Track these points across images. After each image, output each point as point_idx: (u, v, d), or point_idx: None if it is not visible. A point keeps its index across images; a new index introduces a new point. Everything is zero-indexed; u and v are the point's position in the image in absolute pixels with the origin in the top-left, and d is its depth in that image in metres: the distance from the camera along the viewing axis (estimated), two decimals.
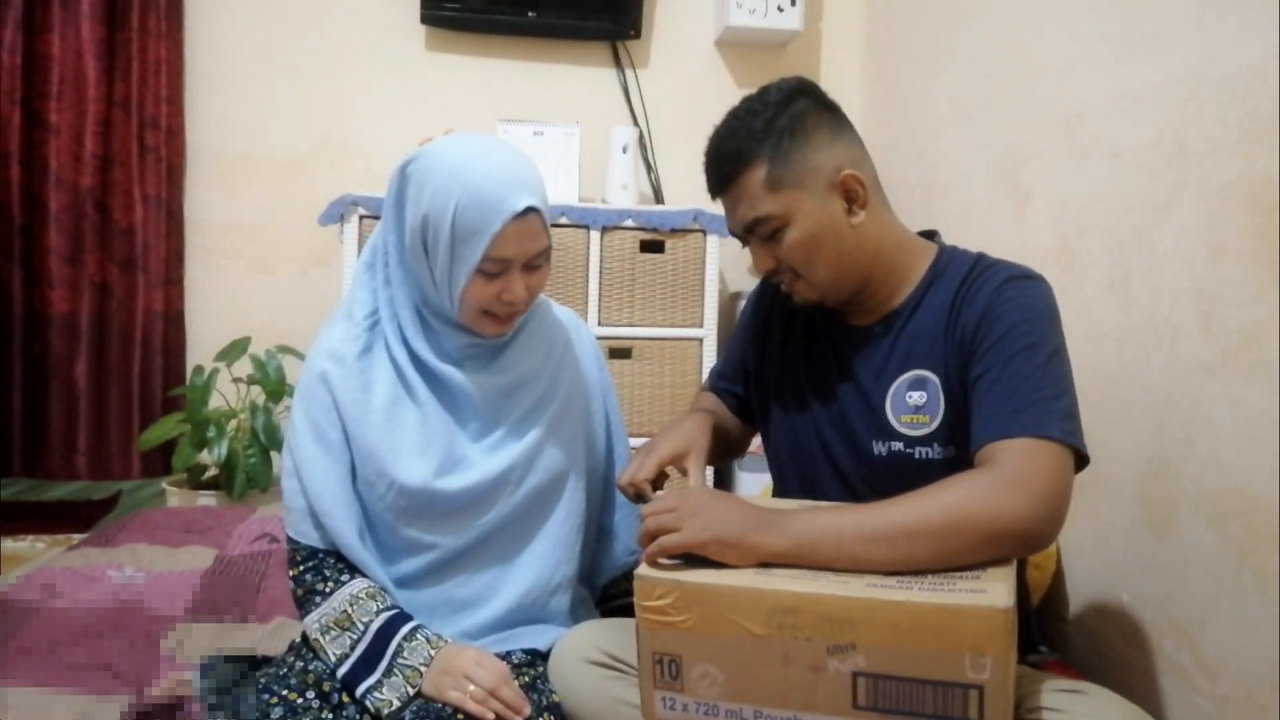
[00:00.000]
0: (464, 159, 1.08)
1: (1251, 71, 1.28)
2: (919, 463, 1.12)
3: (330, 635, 1.11)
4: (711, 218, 2.51)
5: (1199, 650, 1.33)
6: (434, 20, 2.73)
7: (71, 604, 1.56)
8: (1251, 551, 1.24)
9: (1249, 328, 1.26)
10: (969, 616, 0.84)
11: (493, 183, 1.06)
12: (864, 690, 0.88)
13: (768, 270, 1.16)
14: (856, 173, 1.11)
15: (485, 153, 1.10)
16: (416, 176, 1.10)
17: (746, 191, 1.11)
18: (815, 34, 2.94)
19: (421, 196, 1.08)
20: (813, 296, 1.16)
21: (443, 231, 1.06)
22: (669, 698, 0.94)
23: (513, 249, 1.08)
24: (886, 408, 1.14)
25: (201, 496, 2.40)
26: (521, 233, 1.07)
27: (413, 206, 1.10)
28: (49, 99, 2.58)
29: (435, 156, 1.09)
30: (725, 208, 1.16)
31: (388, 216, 1.15)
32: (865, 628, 0.86)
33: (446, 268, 1.09)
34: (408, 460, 1.14)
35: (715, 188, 1.16)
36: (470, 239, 1.06)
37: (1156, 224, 1.46)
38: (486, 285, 1.09)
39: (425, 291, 1.15)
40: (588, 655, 1.10)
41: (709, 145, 1.15)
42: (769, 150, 1.09)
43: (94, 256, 2.64)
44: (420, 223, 1.09)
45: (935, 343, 1.13)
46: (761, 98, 1.13)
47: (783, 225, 1.11)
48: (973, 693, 0.85)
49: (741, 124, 1.12)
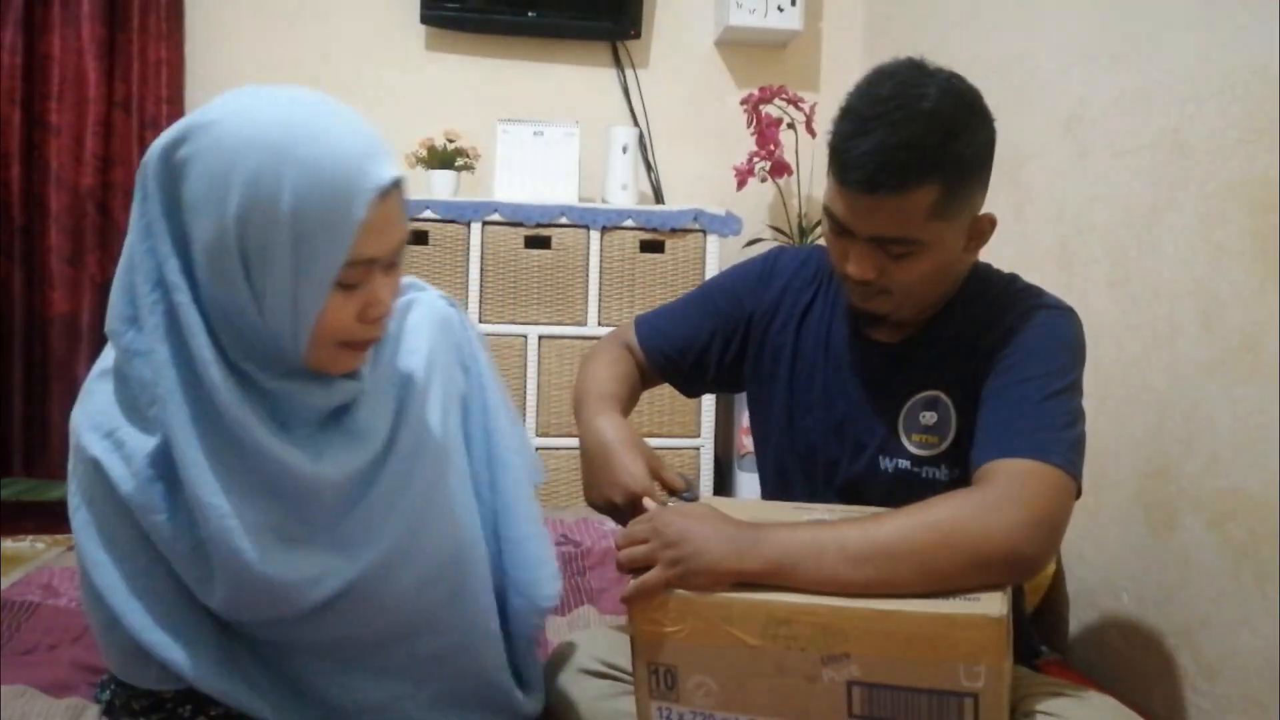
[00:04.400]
0: (285, 126, 0.75)
1: (1251, 71, 1.28)
2: (924, 482, 1.11)
3: None
4: (711, 218, 2.51)
5: (1199, 650, 1.33)
6: (434, 20, 2.72)
7: (71, 604, 1.56)
8: (1251, 552, 1.24)
9: (1249, 328, 1.26)
10: (963, 625, 0.84)
11: (340, 153, 0.75)
12: (859, 700, 0.88)
13: (865, 279, 1.04)
14: (992, 214, 1.08)
15: (312, 114, 0.77)
16: (203, 161, 0.75)
17: (904, 209, 0.99)
18: (815, 34, 2.94)
19: (226, 190, 0.74)
20: (887, 312, 1.09)
21: (277, 231, 0.74)
22: (665, 708, 0.94)
23: (377, 244, 0.78)
24: (899, 425, 1.13)
25: None
26: (386, 219, 0.78)
27: (212, 211, 0.75)
28: (49, 100, 2.58)
29: (232, 128, 0.75)
30: (857, 203, 1.00)
31: (150, 233, 0.78)
32: (859, 637, 0.86)
33: (287, 289, 0.76)
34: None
35: (863, 185, 0.98)
36: (322, 236, 0.75)
37: (1156, 224, 1.46)
38: (345, 302, 0.79)
39: (244, 333, 0.80)
40: (583, 664, 1.09)
41: (875, 138, 0.97)
42: (947, 178, 0.98)
43: (95, 257, 2.64)
44: (233, 226, 0.75)
45: (953, 362, 1.11)
46: (959, 111, 1.00)
47: (918, 251, 1.02)
48: (968, 701, 0.84)
49: (926, 134, 0.97)
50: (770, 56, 2.92)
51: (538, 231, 2.46)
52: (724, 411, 2.69)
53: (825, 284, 1.23)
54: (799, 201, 2.86)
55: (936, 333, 1.14)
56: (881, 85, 1.01)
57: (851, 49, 2.93)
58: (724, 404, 2.68)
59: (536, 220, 2.45)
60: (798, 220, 2.81)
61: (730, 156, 2.69)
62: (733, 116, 2.71)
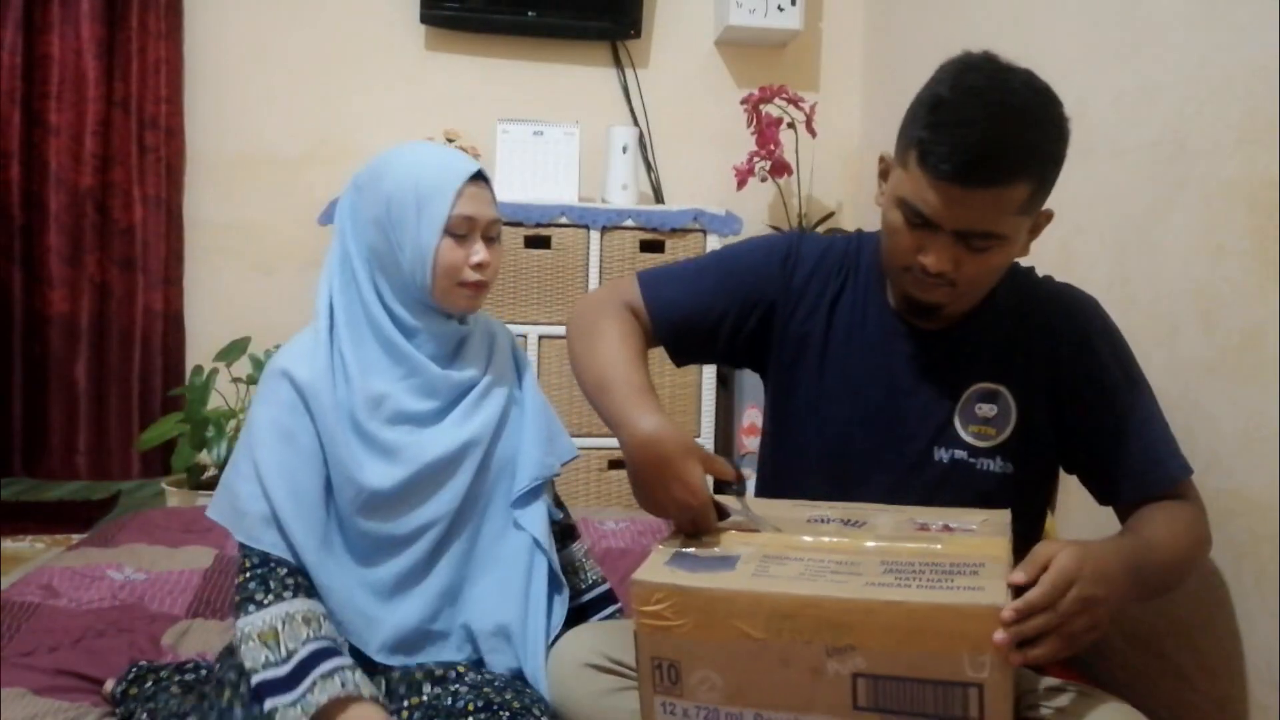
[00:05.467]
0: (414, 152, 1.21)
1: (1251, 71, 1.28)
2: (979, 474, 1.13)
3: (250, 645, 1.08)
4: (711, 218, 2.51)
5: (1199, 650, 1.33)
6: (434, 20, 2.73)
7: (71, 604, 1.56)
8: (1251, 552, 1.24)
9: (1249, 328, 1.26)
10: (967, 615, 0.84)
11: (443, 157, 1.21)
12: (864, 691, 0.88)
13: (942, 271, 1.04)
14: (1050, 209, 1.10)
15: (428, 145, 1.25)
16: (370, 179, 1.19)
17: (999, 204, 1.00)
18: (815, 34, 2.94)
19: (380, 188, 1.17)
20: (947, 303, 1.09)
21: (408, 201, 1.15)
22: (669, 703, 0.94)
23: (473, 207, 1.17)
24: (955, 417, 1.14)
25: (201, 496, 2.40)
26: (478, 195, 1.18)
27: (373, 204, 1.17)
28: (49, 99, 2.58)
29: (385, 157, 1.20)
30: (950, 195, 1.00)
31: (345, 229, 1.21)
32: (864, 629, 0.86)
33: (415, 234, 1.15)
34: (373, 465, 1.15)
35: (963, 177, 0.98)
36: (434, 198, 1.15)
37: (1156, 224, 1.46)
38: (455, 248, 1.16)
39: (395, 281, 1.18)
40: (586, 659, 1.08)
41: (975, 131, 0.98)
42: (1040, 176, 1.01)
43: (94, 256, 2.64)
44: (384, 206, 1.16)
45: (1003, 356, 1.14)
46: (1049, 108, 1.03)
47: (998, 245, 1.04)
48: (972, 691, 0.84)
49: (1025, 130, 0.99)
50: (770, 56, 2.92)
51: (538, 231, 2.46)
52: (724, 411, 2.70)
53: (853, 273, 1.22)
54: (799, 201, 2.86)
55: (983, 321, 1.15)
56: (969, 77, 1.03)
57: (851, 49, 2.93)
58: (724, 403, 2.69)
59: (536, 220, 2.45)
60: (798, 220, 2.81)
61: (730, 156, 2.69)
62: (733, 116, 2.71)
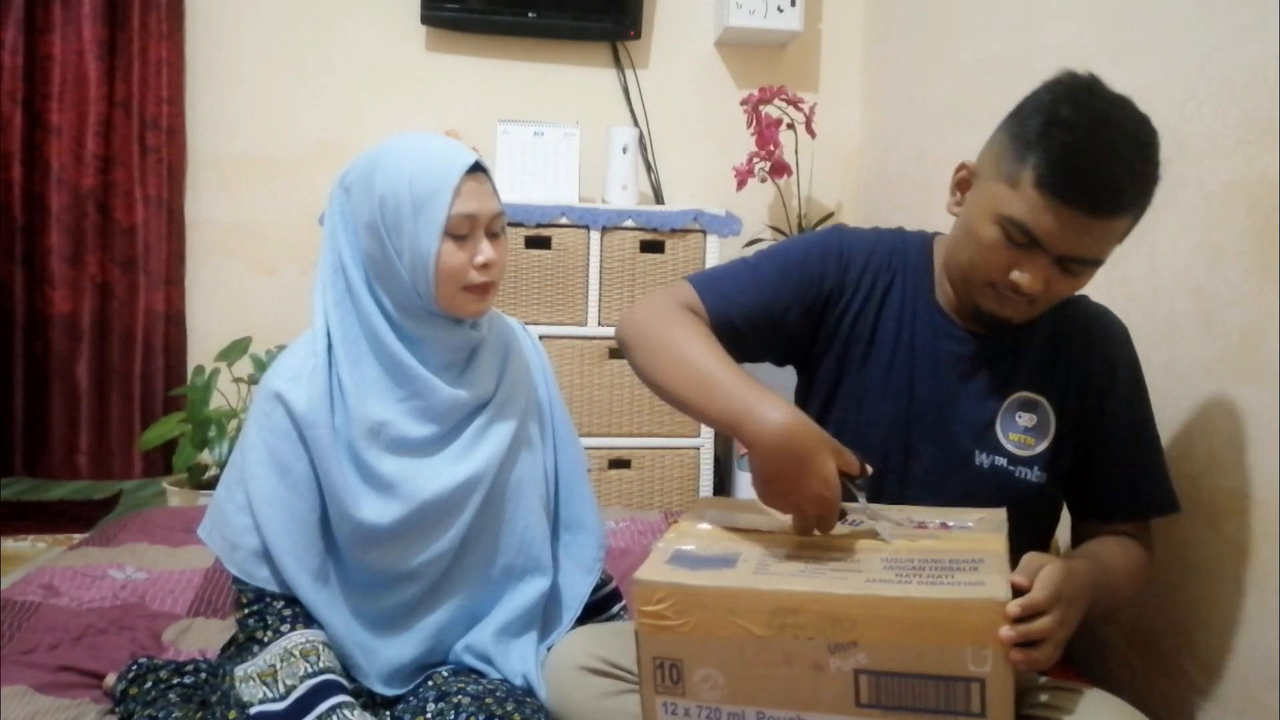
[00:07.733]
0: (403, 145, 1.10)
1: (1251, 71, 1.28)
2: (1017, 482, 1.14)
3: (250, 685, 1.05)
4: (711, 218, 2.51)
5: (1199, 650, 1.33)
6: (434, 20, 2.73)
7: (72, 604, 1.56)
8: (1250, 551, 1.25)
9: (1249, 328, 1.26)
10: (969, 610, 0.84)
11: (437, 150, 1.10)
12: (866, 688, 0.88)
13: (1034, 291, 1.04)
14: None
15: (420, 137, 1.13)
16: (359, 178, 1.10)
17: (1113, 232, 1.02)
18: (815, 34, 2.94)
19: (372, 189, 1.08)
20: (1017, 317, 1.10)
21: (403, 203, 1.06)
22: (671, 703, 0.94)
23: (474, 204, 1.08)
24: (997, 423, 1.15)
25: (202, 496, 2.40)
26: (477, 189, 1.08)
27: (365, 207, 1.09)
28: (50, 100, 2.58)
29: (373, 154, 1.11)
30: (1070, 221, 1.00)
31: (336, 235, 1.12)
32: (866, 625, 0.86)
33: (413, 239, 1.06)
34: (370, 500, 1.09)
35: (1092, 206, 0.99)
36: (430, 199, 1.06)
37: (1156, 224, 1.46)
38: (458, 251, 1.07)
39: (395, 290, 1.10)
40: (583, 662, 1.07)
41: (1109, 162, 0.99)
42: (1143, 206, 1.03)
43: (95, 257, 2.64)
44: (377, 210, 1.07)
45: (1043, 368, 1.16)
46: (1157, 140, 1.03)
47: (1092, 269, 1.06)
48: (975, 686, 0.85)
49: (1154, 168, 1.02)
50: (770, 57, 2.92)
51: (538, 232, 2.46)
52: None
53: (901, 271, 1.21)
54: (799, 201, 2.86)
55: (1028, 331, 1.16)
56: (1091, 101, 1.03)
57: (851, 50, 2.93)
58: None
59: (537, 220, 2.45)
60: (797, 220, 2.81)
61: (730, 157, 2.69)
62: (733, 117, 2.71)
